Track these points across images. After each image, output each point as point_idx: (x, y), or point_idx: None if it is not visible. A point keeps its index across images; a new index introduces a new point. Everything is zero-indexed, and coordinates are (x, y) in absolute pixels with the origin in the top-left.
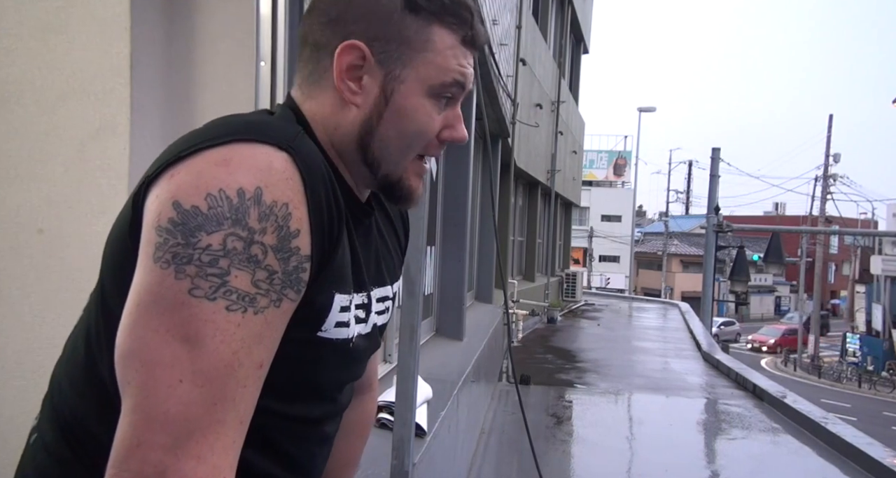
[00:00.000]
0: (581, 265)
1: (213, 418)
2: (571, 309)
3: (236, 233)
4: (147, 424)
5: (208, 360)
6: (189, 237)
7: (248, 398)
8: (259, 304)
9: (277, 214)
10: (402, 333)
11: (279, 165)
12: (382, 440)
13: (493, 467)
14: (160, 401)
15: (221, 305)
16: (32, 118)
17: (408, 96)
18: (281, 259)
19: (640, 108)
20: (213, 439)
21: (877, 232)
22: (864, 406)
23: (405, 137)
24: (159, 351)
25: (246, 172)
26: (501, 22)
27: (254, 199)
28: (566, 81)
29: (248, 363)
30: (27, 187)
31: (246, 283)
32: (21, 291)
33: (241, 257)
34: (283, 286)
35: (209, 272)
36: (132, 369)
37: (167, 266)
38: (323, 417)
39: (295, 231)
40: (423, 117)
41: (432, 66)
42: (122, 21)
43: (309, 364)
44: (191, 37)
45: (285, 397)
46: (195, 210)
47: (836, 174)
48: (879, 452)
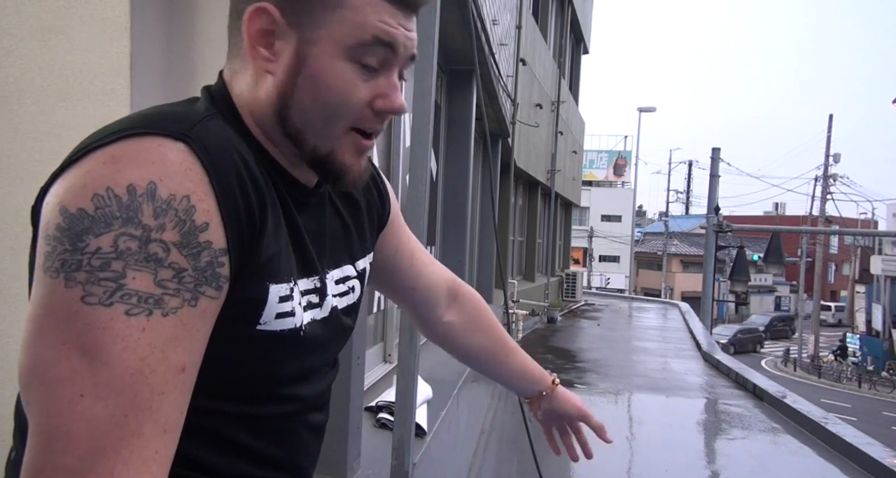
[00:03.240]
0: (581, 265)
1: (126, 431)
2: (571, 309)
3: (128, 232)
4: (49, 446)
5: (112, 370)
6: (76, 242)
7: (171, 405)
8: (168, 305)
9: (177, 208)
10: (402, 333)
11: (174, 157)
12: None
13: (493, 467)
14: (63, 419)
15: (119, 310)
16: (32, 118)
17: (321, 59)
18: (189, 255)
19: (640, 108)
20: (127, 455)
21: (877, 232)
22: (864, 406)
23: (324, 106)
24: (56, 366)
25: (136, 167)
26: (501, 22)
27: (147, 194)
28: (566, 81)
29: (163, 369)
30: (27, 187)
31: (147, 284)
32: (21, 291)
33: (138, 257)
34: (196, 284)
35: (101, 277)
36: (31, 389)
37: (56, 275)
38: (293, 411)
39: (202, 225)
40: (341, 83)
41: (348, 24)
42: (122, 21)
43: (256, 361)
44: (191, 37)
45: (238, 398)
46: (81, 213)
47: (836, 174)
48: (879, 452)
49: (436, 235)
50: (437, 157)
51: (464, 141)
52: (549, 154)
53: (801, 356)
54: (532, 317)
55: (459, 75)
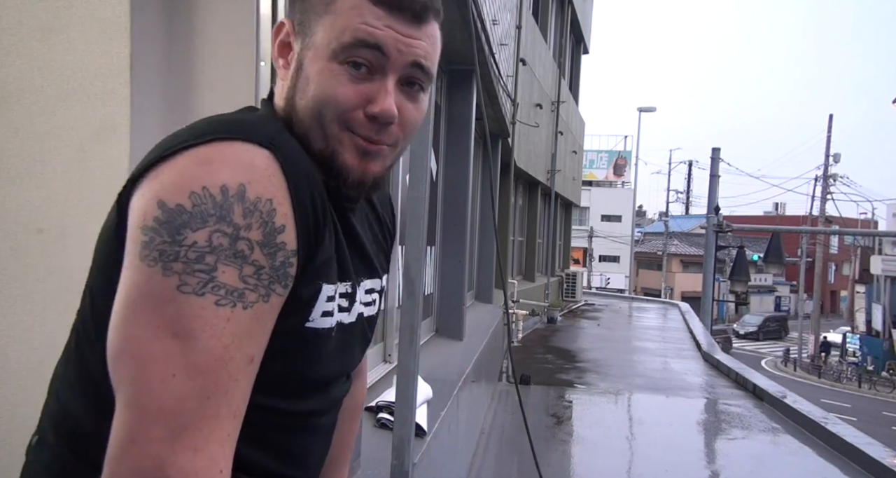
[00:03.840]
0: (581, 265)
1: (207, 411)
2: (571, 309)
3: (221, 229)
4: (142, 419)
5: (200, 354)
6: (175, 235)
7: (241, 393)
8: (248, 299)
9: (262, 210)
10: (402, 333)
11: (261, 162)
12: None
13: (493, 467)
14: (154, 396)
15: (210, 299)
16: (32, 118)
17: (314, 62)
18: (268, 254)
19: (640, 108)
20: (207, 432)
21: (877, 232)
22: (864, 406)
23: (314, 105)
24: (151, 347)
25: (229, 169)
26: (501, 22)
27: (237, 195)
28: (566, 81)
29: (239, 358)
30: (27, 187)
31: (233, 278)
32: (21, 291)
33: (228, 253)
34: (270, 281)
35: (196, 268)
36: (125, 367)
37: (154, 264)
38: (316, 410)
39: (280, 226)
40: (327, 81)
41: (333, 27)
42: (122, 21)
43: (297, 356)
44: (191, 37)
45: (276, 391)
46: (179, 208)
47: (836, 174)
48: (879, 452)
49: (436, 235)
50: (437, 157)
51: (464, 141)
52: (549, 154)
53: (801, 356)
54: (532, 317)
55: (459, 75)
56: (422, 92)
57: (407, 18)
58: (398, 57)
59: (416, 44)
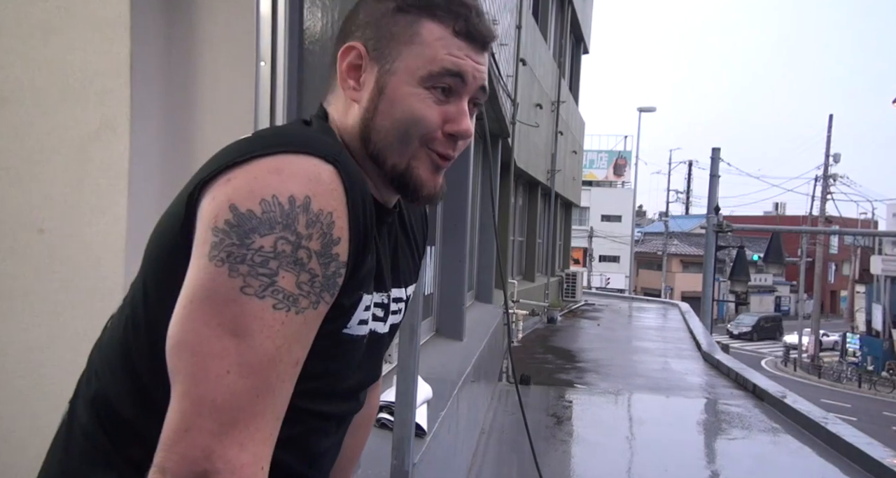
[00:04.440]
0: (581, 265)
1: (256, 409)
2: (571, 309)
3: (286, 237)
4: (196, 410)
5: (255, 353)
6: (244, 238)
7: (285, 393)
8: (301, 304)
9: (323, 222)
10: (402, 333)
11: (326, 177)
12: (382, 440)
13: (493, 467)
14: (209, 389)
15: (269, 303)
16: (32, 118)
17: (399, 86)
18: (323, 264)
19: (640, 108)
20: (254, 429)
21: (877, 232)
22: (864, 406)
23: (400, 125)
24: (210, 343)
25: (297, 181)
26: (501, 22)
27: (303, 206)
28: (566, 81)
29: (288, 360)
30: (27, 187)
31: (291, 284)
32: (21, 291)
33: (289, 260)
34: (321, 289)
35: (260, 272)
36: (183, 359)
37: (221, 265)
38: (340, 415)
39: (336, 239)
40: (416, 103)
41: (421, 57)
42: (122, 21)
43: (331, 360)
44: (191, 37)
45: (309, 393)
46: (250, 213)
47: (836, 174)
48: (879, 452)
49: (436, 235)
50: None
51: None
52: (549, 154)
53: (800, 356)
54: (532, 317)
55: None
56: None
57: (478, 48)
58: (472, 82)
59: (483, 70)
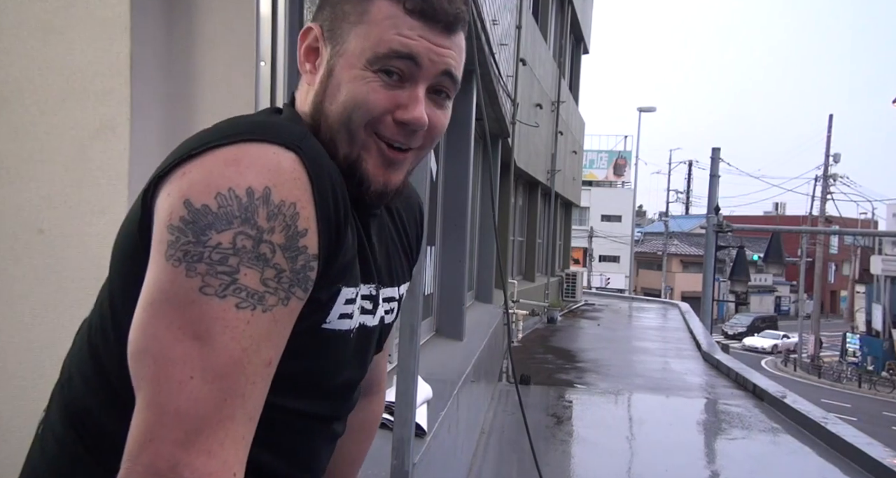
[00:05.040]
0: (581, 265)
1: (223, 414)
2: (571, 309)
3: (245, 232)
4: (159, 419)
5: (218, 357)
6: (200, 235)
7: (257, 395)
8: (267, 302)
9: (285, 214)
10: (402, 333)
11: (287, 165)
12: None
13: (493, 467)
14: (172, 397)
15: (231, 302)
16: (32, 118)
17: (346, 69)
18: (289, 258)
19: (640, 108)
20: (222, 435)
21: (877, 232)
22: (864, 406)
23: (345, 110)
24: (171, 348)
25: (255, 171)
26: (501, 22)
27: (262, 198)
28: (566, 81)
29: (257, 360)
30: (27, 187)
31: (255, 281)
32: (21, 291)
33: (250, 256)
34: (290, 285)
35: (219, 270)
36: (144, 366)
37: (178, 264)
38: (330, 415)
39: (303, 230)
40: (360, 87)
41: (368, 37)
42: (122, 21)
43: (313, 357)
44: (191, 37)
45: (292, 393)
46: (205, 209)
47: (836, 174)
48: (879, 452)
49: (436, 235)
50: (437, 157)
51: (464, 141)
52: (549, 154)
53: (800, 356)
54: (532, 317)
55: None
56: (448, 99)
57: (439, 29)
58: (430, 66)
59: (446, 53)
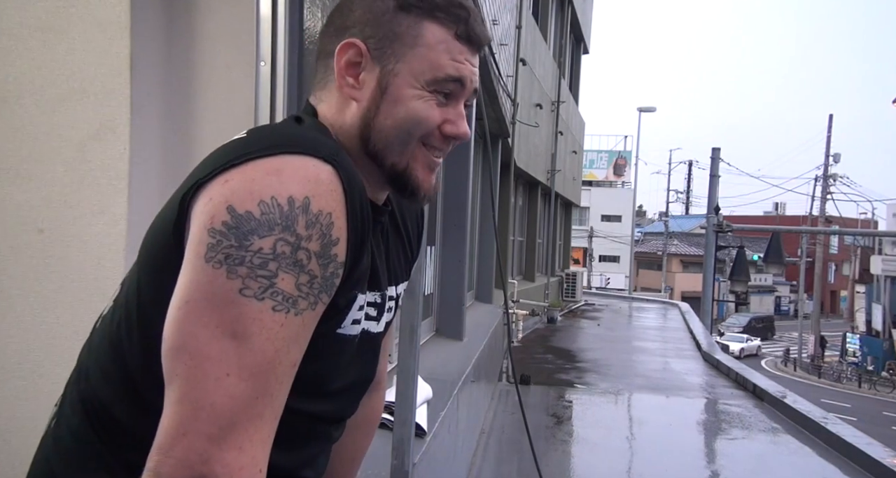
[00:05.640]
0: (581, 265)
1: (255, 411)
2: (571, 309)
3: (285, 238)
4: (194, 414)
5: (254, 356)
6: (242, 240)
7: (283, 395)
8: (300, 306)
9: (322, 223)
10: (402, 333)
11: (325, 177)
12: (382, 440)
13: (493, 467)
14: (208, 393)
15: (268, 305)
16: (32, 118)
17: (402, 88)
18: (322, 265)
19: (640, 108)
20: (252, 432)
21: (877, 232)
22: (864, 406)
23: (402, 125)
24: (208, 345)
25: (296, 182)
26: (501, 22)
27: (302, 207)
28: (566, 81)
29: (286, 361)
30: (27, 187)
31: (290, 285)
32: (21, 291)
33: (289, 261)
34: (320, 290)
35: (259, 274)
36: (180, 362)
37: (219, 266)
38: (333, 415)
39: (335, 239)
40: (418, 104)
41: (425, 60)
42: (122, 21)
43: (326, 360)
44: (191, 37)
45: (304, 394)
46: (248, 215)
47: (836, 174)
48: (879, 452)
49: (436, 235)
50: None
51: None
52: (549, 154)
53: (801, 356)
54: (532, 317)
55: None
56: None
57: (475, 51)
58: (469, 86)
59: (477, 73)
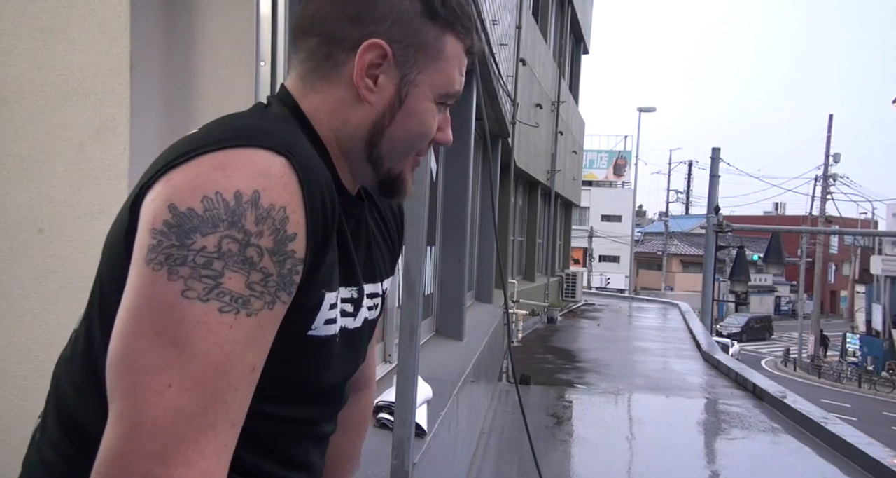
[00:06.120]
0: (581, 265)
1: (204, 421)
2: (571, 309)
3: (232, 235)
4: (134, 432)
5: (199, 363)
6: (184, 239)
7: (240, 401)
8: (253, 306)
9: (275, 218)
10: (402, 333)
11: (277, 170)
12: (382, 440)
13: (493, 467)
14: (148, 407)
15: (214, 306)
16: (32, 118)
17: (420, 100)
18: (277, 262)
19: (640, 108)
20: (203, 444)
21: (877, 232)
22: (864, 406)
23: (412, 138)
24: (148, 356)
25: (244, 175)
26: (501, 22)
27: (251, 202)
28: (566, 81)
29: (240, 366)
30: (27, 187)
31: (240, 285)
32: (21, 291)
33: (236, 259)
34: (277, 289)
35: (203, 274)
36: (119, 376)
37: (160, 268)
38: (320, 417)
39: (292, 235)
40: (431, 120)
41: (443, 75)
42: (122, 21)
43: (300, 363)
44: (191, 37)
45: (280, 399)
46: (191, 212)
47: (836, 174)
48: (879, 452)
49: (436, 235)
50: (437, 157)
51: (464, 141)
52: (549, 154)
53: (801, 356)
54: (532, 317)
55: None
56: None
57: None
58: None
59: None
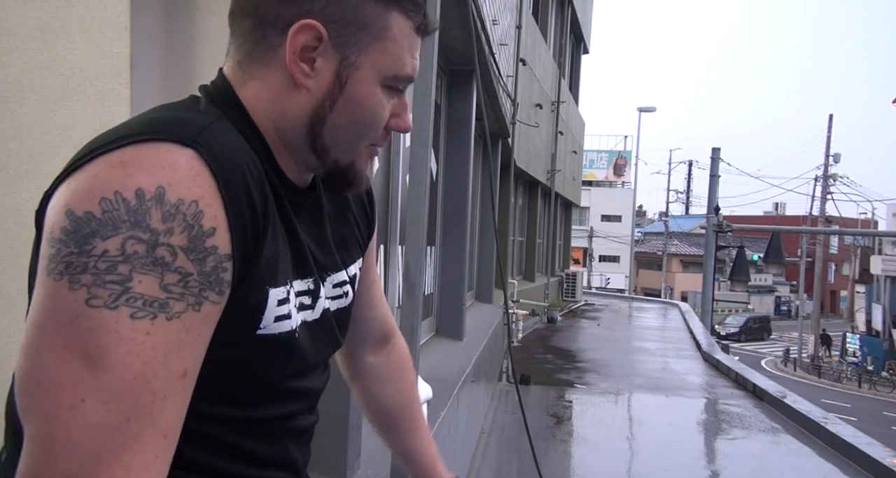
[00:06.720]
0: (581, 265)
1: (126, 436)
2: (571, 309)
3: (136, 236)
4: (48, 453)
5: (114, 374)
6: (83, 245)
7: (171, 410)
8: (172, 309)
9: (185, 213)
10: (402, 333)
11: (184, 162)
12: None
13: (493, 468)
14: (61, 425)
15: (125, 313)
16: (32, 118)
17: (362, 84)
18: (195, 260)
19: (640, 108)
20: (127, 459)
21: (877, 232)
22: (864, 406)
23: (357, 126)
24: (56, 371)
25: (145, 171)
26: (501, 22)
27: (155, 199)
28: (566, 81)
29: (165, 373)
30: (27, 187)
31: (153, 288)
32: (21, 291)
33: (144, 261)
34: (201, 288)
35: (108, 280)
36: (29, 395)
37: (60, 278)
38: (293, 413)
39: (209, 229)
40: (377, 107)
41: (389, 56)
42: (122, 21)
43: (254, 364)
44: (191, 37)
45: (243, 402)
46: (88, 216)
47: (836, 174)
48: (879, 452)
49: (436, 235)
50: (437, 157)
51: (464, 141)
52: (549, 154)
53: (801, 356)
54: (532, 317)
55: (459, 75)
56: None
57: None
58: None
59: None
